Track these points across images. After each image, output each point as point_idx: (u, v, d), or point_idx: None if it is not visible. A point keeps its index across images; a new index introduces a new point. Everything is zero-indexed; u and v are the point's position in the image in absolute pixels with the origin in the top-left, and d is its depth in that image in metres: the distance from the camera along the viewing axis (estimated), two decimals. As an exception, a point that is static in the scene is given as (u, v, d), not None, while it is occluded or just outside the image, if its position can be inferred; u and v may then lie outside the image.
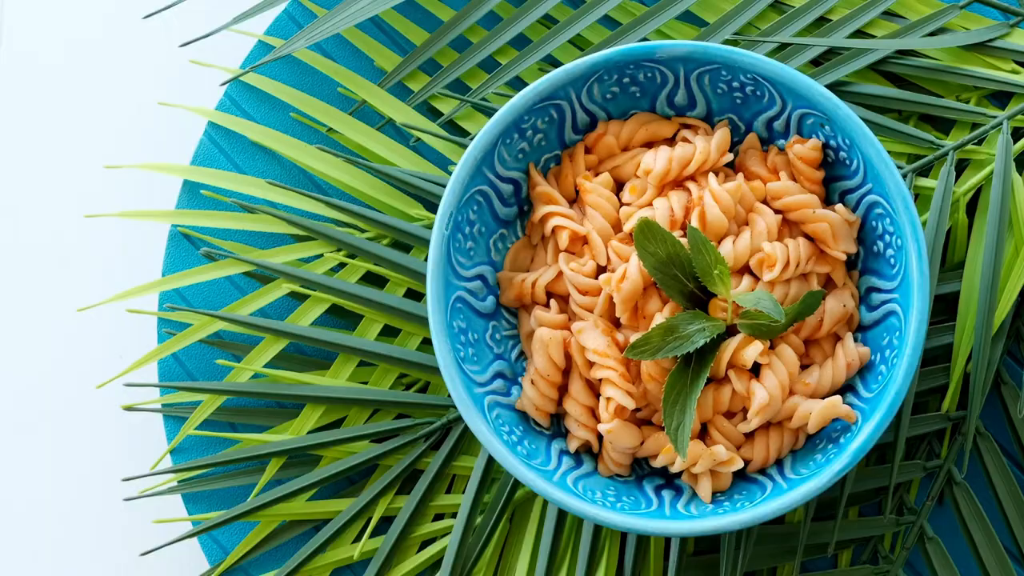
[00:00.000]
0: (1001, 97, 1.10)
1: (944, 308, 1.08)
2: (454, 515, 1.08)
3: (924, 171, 1.09)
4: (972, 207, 1.09)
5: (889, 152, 1.08)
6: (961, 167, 1.09)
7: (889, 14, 1.11)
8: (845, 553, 1.08)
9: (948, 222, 1.08)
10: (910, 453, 1.08)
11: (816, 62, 1.10)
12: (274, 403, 1.09)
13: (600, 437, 1.02)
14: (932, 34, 1.10)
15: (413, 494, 1.07)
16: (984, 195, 1.08)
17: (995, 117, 1.08)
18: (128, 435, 1.14)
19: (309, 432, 1.08)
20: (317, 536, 1.08)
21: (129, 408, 1.09)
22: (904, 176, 1.08)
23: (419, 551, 1.08)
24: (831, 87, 1.09)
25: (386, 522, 1.09)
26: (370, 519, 1.08)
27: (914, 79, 1.10)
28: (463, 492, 1.08)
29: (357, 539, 1.08)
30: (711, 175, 1.01)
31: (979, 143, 1.09)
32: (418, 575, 1.08)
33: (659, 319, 0.99)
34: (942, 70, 1.09)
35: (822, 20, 1.11)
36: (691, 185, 1.01)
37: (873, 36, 1.10)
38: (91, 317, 1.15)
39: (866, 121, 1.08)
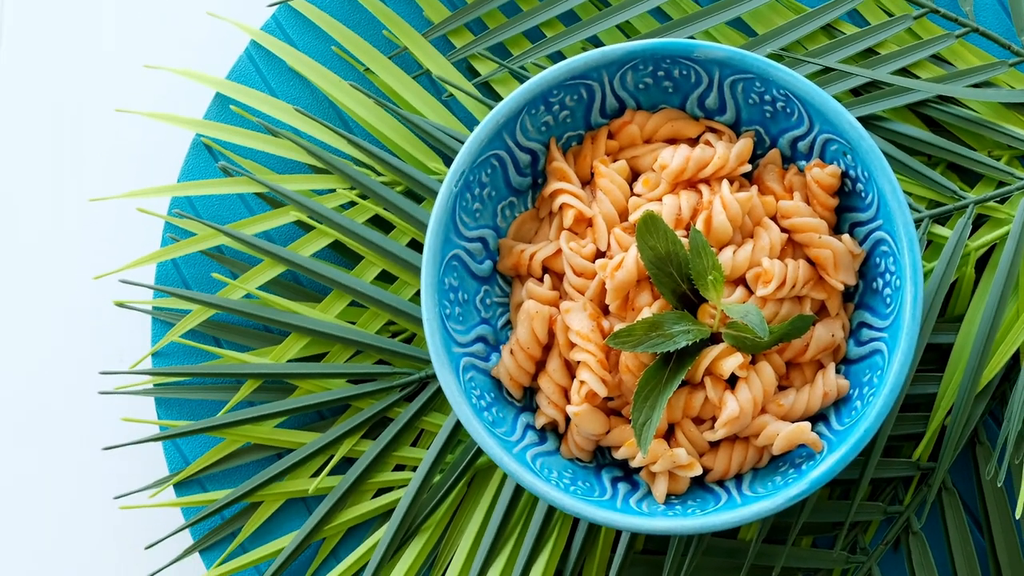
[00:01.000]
0: (1033, 161, 1.10)
1: (936, 358, 1.08)
2: (415, 469, 1.08)
3: (942, 219, 1.08)
4: (982, 263, 1.08)
5: (910, 195, 1.08)
6: (979, 222, 1.09)
7: (938, 58, 1.10)
8: (791, 580, 1.08)
9: (955, 274, 1.07)
10: (874, 494, 1.07)
11: (856, 92, 1.10)
12: (261, 327, 1.10)
13: (568, 419, 1.02)
14: (977, 86, 1.09)
15: (378, 440, 1.08)
16: (996, 254, 1.08)
17: (1022, 179, 1.07)
18: (115, 333, 1.15)
19: (289, 360, 1.09)
20: (278, 463, 1.08)
21: (121, 304, 1.10)
22: (920, 221, 1.08)
23: (374, 497, 1.09)
24: (865, 119, 1.08)
25: (347, 463, 1.09)
26: (332, 457, 1.09)
27: (950, 127, 1.09)
28: (427, 448, 1.08)
29: (316, 474, 1.09)
30: (725, 182, 1.01)
31: (1002, 201, 1.08)
32: (368, 520, 1.08)
33: (646, 313, 0.99)
34: (979, 123, 1.08)
35: (870, 52, 1.10)
36: (704, 188, 1.01)
37: (918, 77, 1.10)
38: (100, 210, 1.16)
39: (893, 159, 1.08)
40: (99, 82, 1.17)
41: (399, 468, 1.09)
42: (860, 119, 1.08)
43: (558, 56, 1.11)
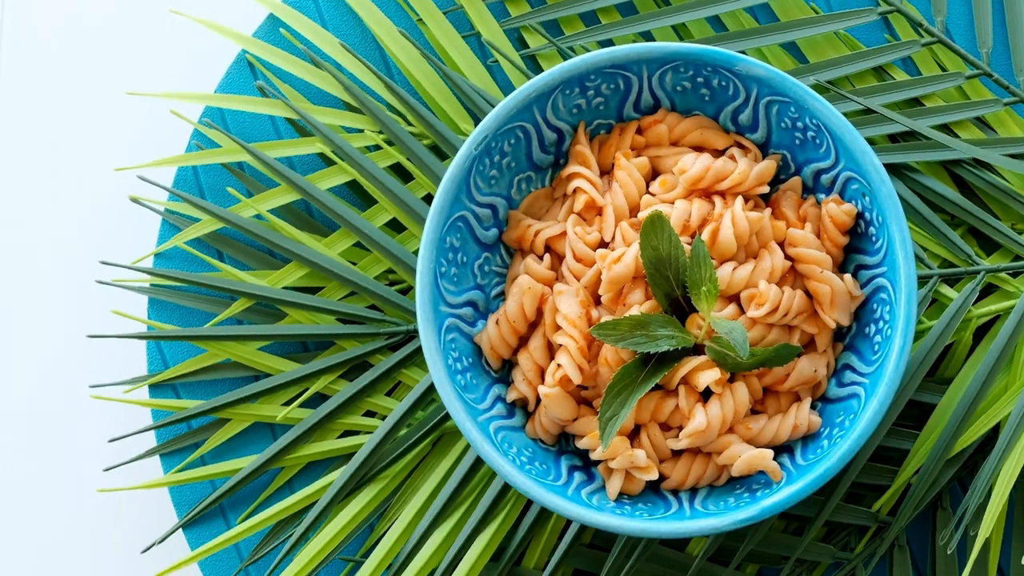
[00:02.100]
0: (1055, 242, 1.09)
1: (917, 415, 1.08)
2: (384, 418, 1.09)
3: (951, 280, 1.08)
4: (982, 332, 1.08)
5: (925, 250, 1.08)
6: (988, 290, 1.08)
7: (981, 121, 1.09)
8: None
9: (952, 336, 1.07)
10: (828, 536, 1.07)
11: (894, 138, 1.09)
12: (265, 249, 1.11)
13: (539, 399, 1.02)
14: (1015, 156, 1.08)
15: (355, 383, 1.09)
16: (997, 325, 1.07)
17: (1039, 257, 1.07)
18: (125, 229, 1.16)
19: (284, 287, 1.10)
20: (253, 385, 1.09)
21: (135, 200, 1.11)
22: (930, 278, 1.07)
23: (339, 437, 1.09)
24: (896, 166, 1.08)
25: (320, 399, 1.10)
26: (307, 390, 1.09)
27: (979, 191, 1.09)
28: (401, 401, 1.09)
29: (288, 403, 1.10)
30: (740, 198, 1.00)
31: (1014, 275, 1.08)
32: (329, 459, 1.09)
33: (635, 311, 0.99)
34: (1010, 193, 1.08)
35: (915, 101, 1.10)
36: (718, 200, 1.01)
37: (957, 136, 1.09)
38: (135, 105, 1.17)
39: (915, 212, 1.08)
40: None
41: (369, 414, 1.10)
42: (891, 166, 1.08)
43: (608, 43, 1.11)
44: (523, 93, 1.01)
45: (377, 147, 1.11)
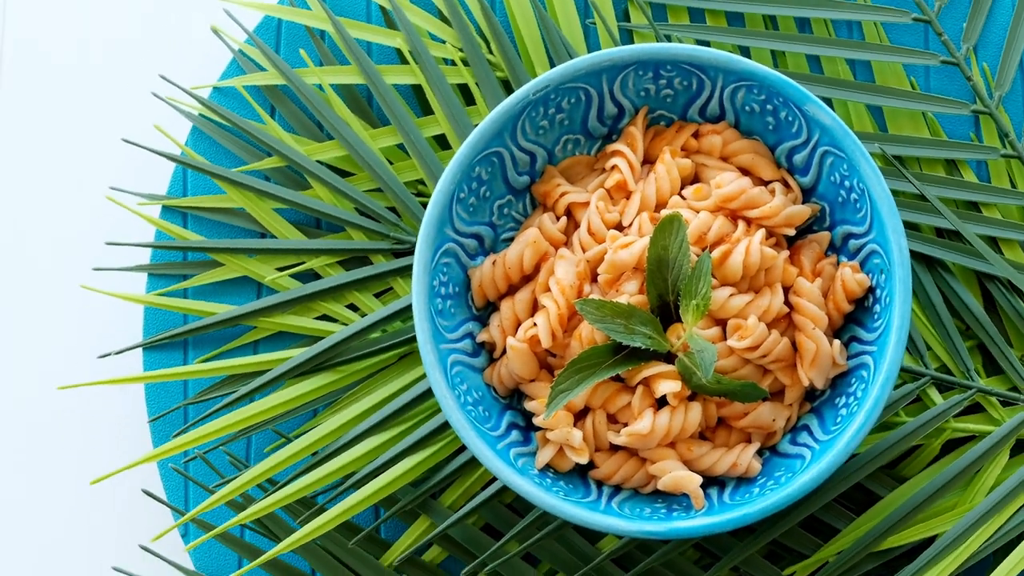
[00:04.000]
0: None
1: (862, 500, 1.08)
2: (364, 316, 1.10)
3: (942, 386, 1.07)
4: (953, 445, 1.07)
5: (929, 348, 1.07)
6: (974, 408, 1.08)
7: (1028, 248, 1.09)
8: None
9: (922, 440, 1.06)
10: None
11: (940, 232, 1.09)
12: (315, 120, 1.12)
13: (504, 350, 1.03)
14: (1049, 293, 1.08)
15: (349, 273, 1.10)
16: (969, 445, 1.07)
17: (1034, 398, 1.07)
18: (190, 56, 1.18)
19: (318, 160, 1.11)
20: (255, 240, 1.10)
21: (215, 31, 1.13)
22: (922, 376, 1.06)
23: (316, 318, 1.10)
24: (929, 259, 1.08)
25: (313, 276, 1.11)
26: (302, 263, 1.10)
27: (1002, 311, 1.08)
28: (384, 305, 1.10)
29: (282, 269, 1.11)
30: (763, 231, 1.00)
31: (1004, 403, 1.07)
32: (298, 335, 1.10)
33: (625, 300, 0.99)
34: (1032, 326, 1.07)
35: (973, 205, 1.09)
36: (742, 225, 1.01)
37: (1001, 252, 1.08)
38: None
39: (931, 307, 1.07)
40: None
41: (352, 308, 1.11)
42: (926, 257, 1.08)
43: (703, 44, 1.11)
44: (599, 58, 1.01)
45: (453, 62, 1.12)
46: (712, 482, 1.02)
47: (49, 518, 1.14)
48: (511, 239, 1.05)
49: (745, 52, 1.11)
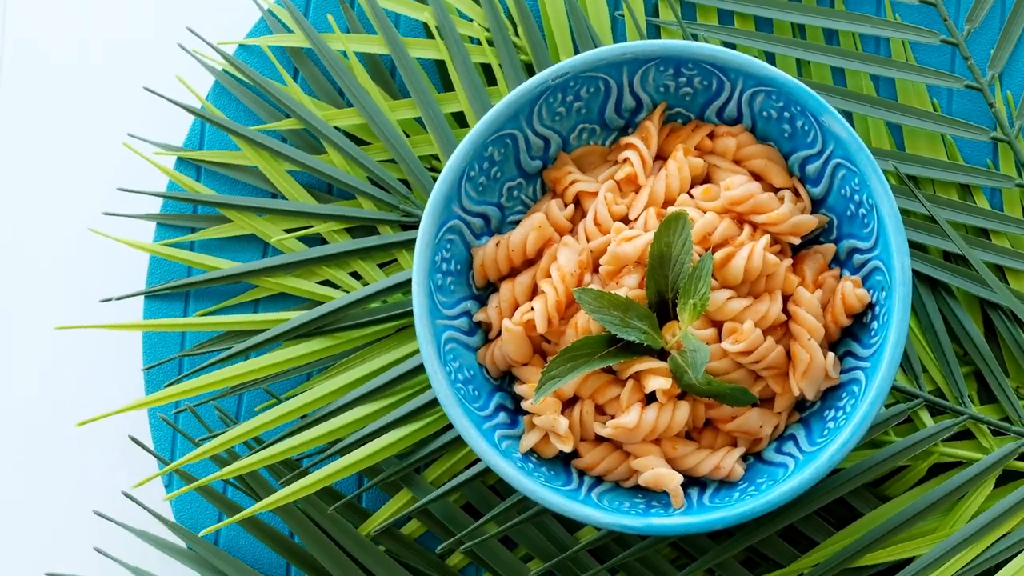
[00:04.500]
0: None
1: (844, 515, 1.07)
2: (366, 285, 1.10)
3: (934, 409, 1.07)
4: (940, 469, 1.07)
5: (925, 370, 1.07)
6: (963, 435, 1.07)
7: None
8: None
9: (908, 461, 1.06)
10: None
11: (948, 256, 1.08)
12: (337, 87, 1.13)
13: (500, 332, 1.03)
14: (1051, 327, 1.08)
15: (356, 241, 1.10)
16: (956, 471, 1.07)
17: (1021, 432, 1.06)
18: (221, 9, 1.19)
19: (335, 126, 1.11)
20: (266, 199, 1.11)
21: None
22: (915, 397, 1.06)
23: (318, 283, 1.11)
24: (934, 282, 1.08)
25: (319, 241, 1.12)
26: (310, 227, 1.11)
27: (1003, 341, 1.07)
28: (388, 276, 1.10)
29: (289, 231, 1.11)
30: (768, 237, 1.00)
31: (995, 433, 1.07)
32: (299, 297, 1.11)
33: (623, 293, 0.99)
34: (1033, 361, 1.07)
35: (983, 232, 1.09)
36: (748, 229, 1.01)
37: (1007, 282, 1.08)
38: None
39: (933, 332, 1.07)
40: None
41: (355, 276, 1.11)
42: (931, 280, 1.08)
43: (730, 46, 1.11)
44: (621, 49, 1.01)
45: (478, 41, 1.12)
46: (694, 482, 1.02)
47: (36, 458, 1.15)
48: (518, 222, 1.05)
49: (771, 58, 1.11)
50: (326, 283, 1.11)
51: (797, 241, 1.02)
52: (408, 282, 1.09)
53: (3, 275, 1.17)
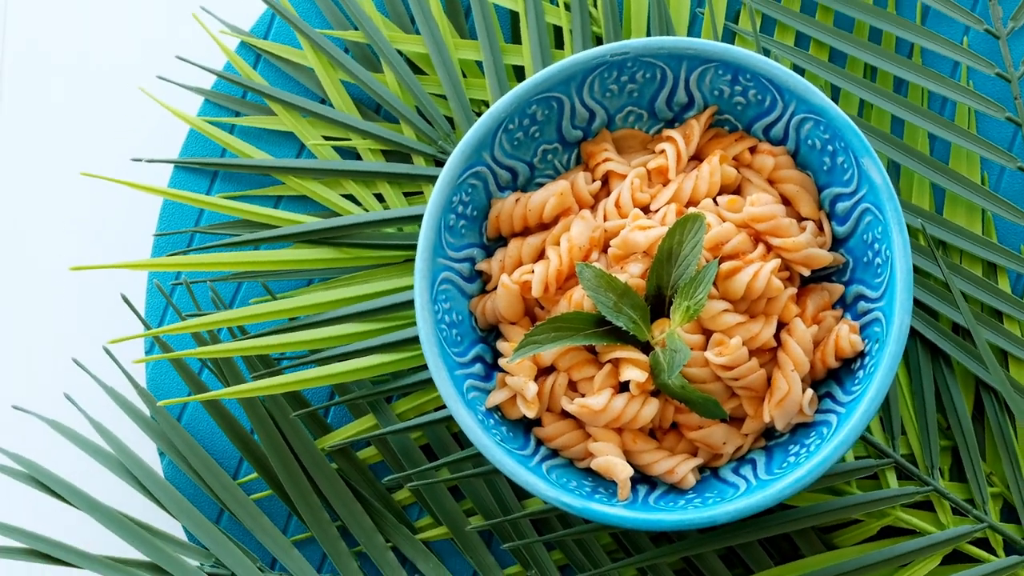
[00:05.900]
0: None
1: (786, 550, 1.07)
2: (386, 209, 1.11)
3: (903, 475, 1.06)
4: (890, 532, 1.07)
5: (904, 433, 1.07)
6: (925, 504, 1.07)
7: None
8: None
9: (862, 516, 1.06)
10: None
11: (957, 328, 1.08)
12: (371, 48, 1.13)
13: (497, 286, 1.03)
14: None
15: (386, 164, 1.11)
16: (906, 538, 1.07)
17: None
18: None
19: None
20: (313, 104, 1.12)
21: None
22: (887, 458, 1.06)
23: (343, 195, 1.12)
24: (935, 351, 1.07)
25: (355, 158, 1.12)
26: (345, 140, 1.12)
27: (988, 424, 1.07)
28: (408, 206, 1.11)
29: (327, 138, 1.12)
30: (778, 261, 1.00)
31: (955, 511, 1.06)
32: (319, 204, 1.12)
33: (624, 278, 1.00)
34: (1010, 446, 1.06)
35: (998, 315, 1.08)
36: (761, 248, 1.00)
37: (1007, 368, 1.07)
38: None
39: (920, 398, 1.07)
40: None
41: (378, 197, 1.12)
42: (933, 348, 1.07)
43: (799, 70, 1.11)
44: (686, 43, 1.01)
45: (556, 3, 1.12)
46: (645, 480, 1.02)
47: (29, 296, 1.17)
48: (544, 184, 1.05)
49: (835, 92, 1.11)
50: (349, 197, 1.12)
51: (807, 273, 1.01)
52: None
53: (45, 114, 1.18)
